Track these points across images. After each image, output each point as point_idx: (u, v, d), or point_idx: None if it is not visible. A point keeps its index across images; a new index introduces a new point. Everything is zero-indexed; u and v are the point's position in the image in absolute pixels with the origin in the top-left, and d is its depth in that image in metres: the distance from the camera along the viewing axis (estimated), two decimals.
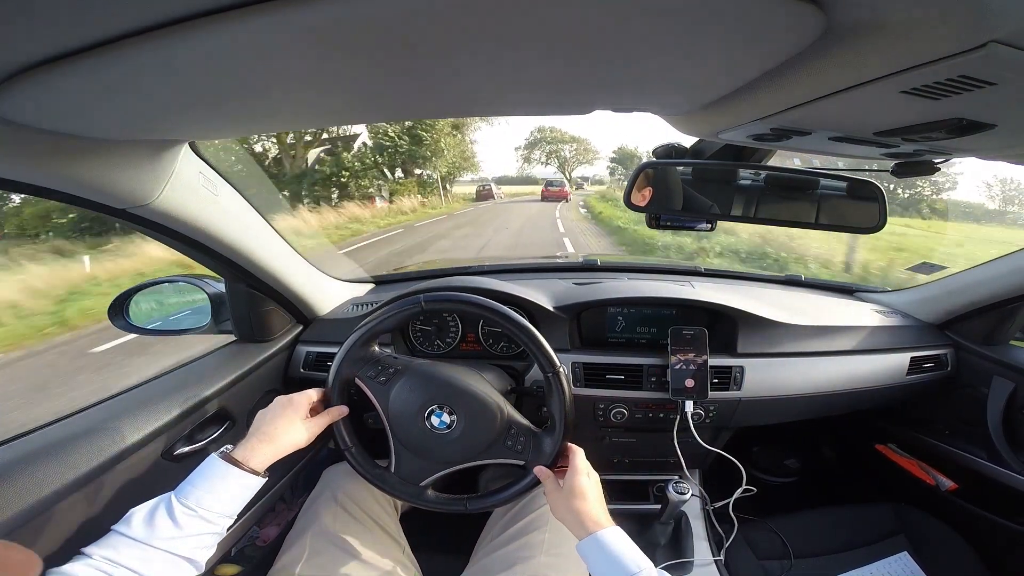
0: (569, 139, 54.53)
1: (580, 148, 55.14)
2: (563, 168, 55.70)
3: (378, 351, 0.80)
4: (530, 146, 55.90)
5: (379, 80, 0.40)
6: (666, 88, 0.46)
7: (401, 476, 0.78)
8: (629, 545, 0.59)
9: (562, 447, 0.74)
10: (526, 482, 0.75)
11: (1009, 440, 1.02)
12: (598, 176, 65.01)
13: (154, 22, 0.29)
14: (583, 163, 57.58)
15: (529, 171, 59.53)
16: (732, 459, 1.07)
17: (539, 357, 0.75)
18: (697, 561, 1.03)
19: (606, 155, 61.18)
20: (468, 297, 0.77)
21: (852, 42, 0.31)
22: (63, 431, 0.67)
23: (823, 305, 1.23)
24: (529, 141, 55.78)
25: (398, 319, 0.78)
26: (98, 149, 0.54)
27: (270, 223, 0.93)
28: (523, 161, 57.82)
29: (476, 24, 0.29)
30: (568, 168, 55.77)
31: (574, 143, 54.63)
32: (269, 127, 0.59)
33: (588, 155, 56.42)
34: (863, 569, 1.03)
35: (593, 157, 57.51)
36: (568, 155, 55.62)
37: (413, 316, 0.78)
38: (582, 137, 56.82)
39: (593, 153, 56.85)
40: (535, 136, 54.80)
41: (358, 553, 0.76)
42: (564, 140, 54.29)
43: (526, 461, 0.75)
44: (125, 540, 0.52)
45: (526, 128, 76.62)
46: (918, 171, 0.61)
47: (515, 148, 63.37)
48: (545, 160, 56.76)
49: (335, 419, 0.76)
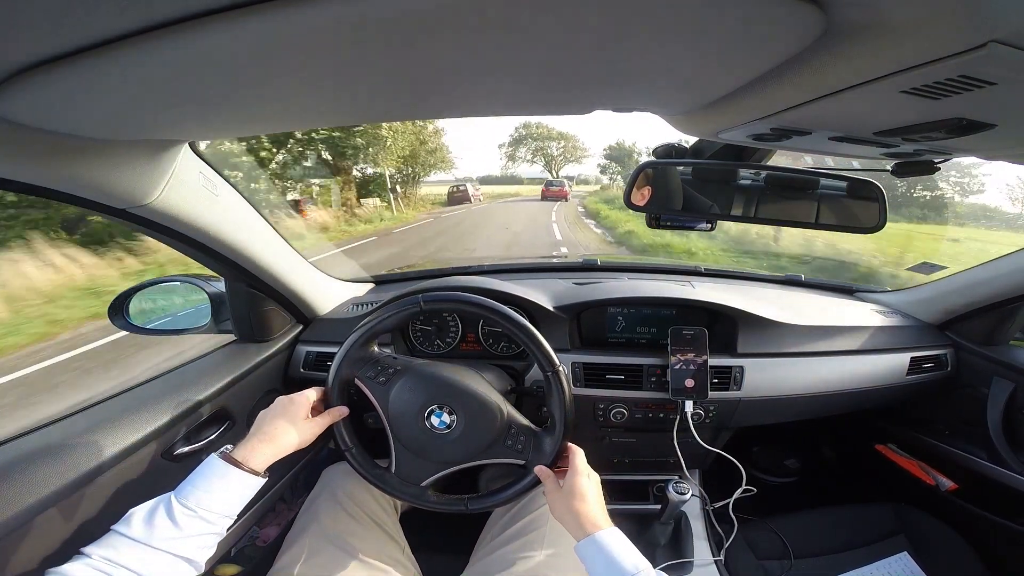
0: (556, 136, 53.15)
1: (568, 146, 53.61)
2: (549, 166, 54.16)
3: (377, 351, 0.80)
4: (515, 143, 54.20)
5: (379, 80, 0.40)
6: (666, 88, 0.46)
7: (401, 476, 0.78)
8: (627, 546, 0.59)
9: (562, 447, 0.74)
10: (526, 482, 0.75)
11: (1009, 440, 1.02)
12: (583, 175, 62.58)
13: (154, 22, 0.29)
14: (571, 161, 56.02)
15: (514, 170, 57.56)
16: (732, 459, 1.07)
17: (538, 356, 0.75)
18: (697, 561, 1.03)
19: (596, 152, 59.16)
20: (467, 297, 0.77)
21: (852, 42, 0.31)
22: (63, 431, 0.67)
23: (823, 305, 1.23)
24: (514, 138, 54.21)
25: (397, 319, 0.78)
26: (98, 149, 0.54)
27: (270, 223, 0.93)
28: (507, 159, 55.95)
29: (476, 24, 0.29)
30: (555, 166, 54.27)
31: (562, 140, 53.25)
32: (269, 127, 0.59)
33: (576, 153, 54.69)
34: (863, 569, 1.03)
35: (582, 155, 55.77)
36: (555, 153, 53.87)
37: (412, 316, 0.78)
38: (570, 134, 55.71)
39: (582, 151, 55.10)
40: (520, 132, 53.41)
41: (358, 553, 0.76)
42: (551, 137, 53.00)
43: (526, 461, 0.75)
44: (125, 540, 0.52)
45: (511, 124, 74.63)
46: (918, 171, 0.61)
47: (499, 145, 60.54)
48: (531, 158, 54.87)
49: (335, 420, 0.76)
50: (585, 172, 66.48)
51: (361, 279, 1.38)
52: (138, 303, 1.00)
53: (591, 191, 36.84)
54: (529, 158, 55.30)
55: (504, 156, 56.33)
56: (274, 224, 0.94)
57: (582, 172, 65.91)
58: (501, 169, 60.98)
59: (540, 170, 55.08)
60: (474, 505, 0.78)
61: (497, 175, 63.67)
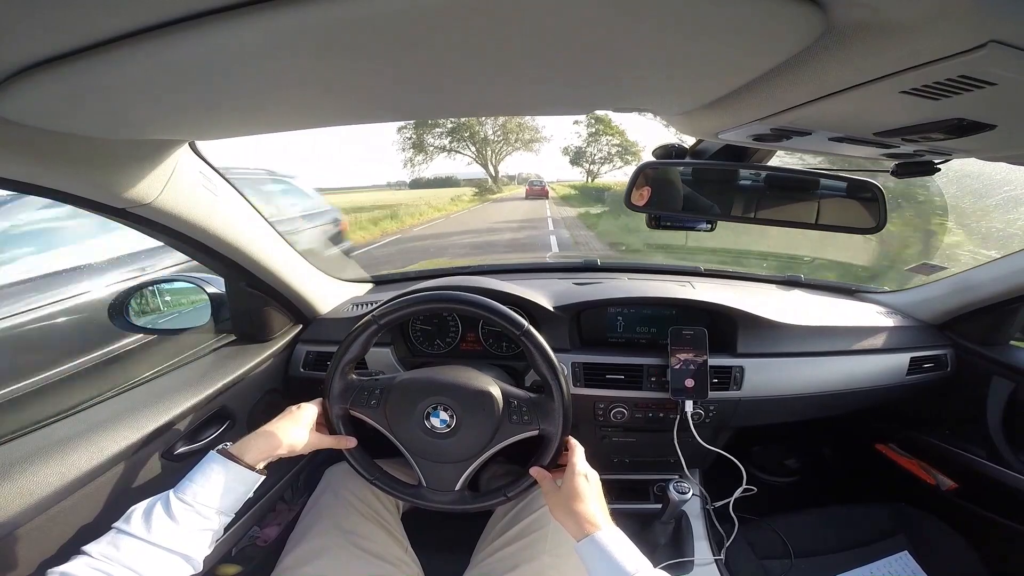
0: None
1: (511, 124, 37.31)
2: (485, 159, 38.89)
3: (356, 379, 0.80)
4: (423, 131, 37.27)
5: (378, 80, 0.40)
6: (666, 88, 0.46)
7: (434, 487, 0.78)
8: (627, 546, 0.60)
9: (566, 408, 0.73)
10: (552, 449, 0.74)
11: (1009, 440, 1.02)
12: (525, 175, 43.48)
13: (154, 22, 0.29)
14: (516, 146, 39.22)
15: (429, 170, 39.01)
16: (732, 459, 1.07)
17: (504, 324, 0.74)
18: (697, 561, 1.03)
19: (558, 134, 41.71)
20: (415, 298, 0.77)
21: (852, 42, 0.31)
22: (63, 431, 0.67)
23: (823, 305, 1.23)
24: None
25: (361, 344, 0.78)
26: (98, 149, 0.54)
27: (270, 223, 0.93)
28: (411, 151, 39.19)
29: (476, 24, 0.29)
30: (494, 158, 39.19)
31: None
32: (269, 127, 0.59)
33: (525, 134, 38.41)
34: (863, 569, 1.03)
35: (533, 138, 39.78)
36: (491, 135, 37.99)
37: (374, 335, 0.78)
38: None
39: (532, 132, 39.63)
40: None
41: (363, 550, 0.77)
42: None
43: (539, 429, 0.75)
44: (124, 537, 0.52)
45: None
46: (918, 171, 0.61)
47: (399, 129, 39.84)
48: (450, 145, 38.23)
49: (343, 447, 0.77)
50: (545, 166, 47.61)
51: (361, 279, 1.38)
52: (138, 303, 1.00)
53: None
54: (446, 145, 38.15)
55: (404, 147, 39.52)
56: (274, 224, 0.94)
57: (524, 170, 45.85)
58: (414, 170, 41.45)
59: (468, 163, 38.97)
60: (511, 491, 0.77)
61: (429, 177, 41.76)
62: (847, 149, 0.58)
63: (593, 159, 41.17)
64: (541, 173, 43.14)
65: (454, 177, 42.61)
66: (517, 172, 46.94)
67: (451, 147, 39.92)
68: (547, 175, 45.50)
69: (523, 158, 48.22)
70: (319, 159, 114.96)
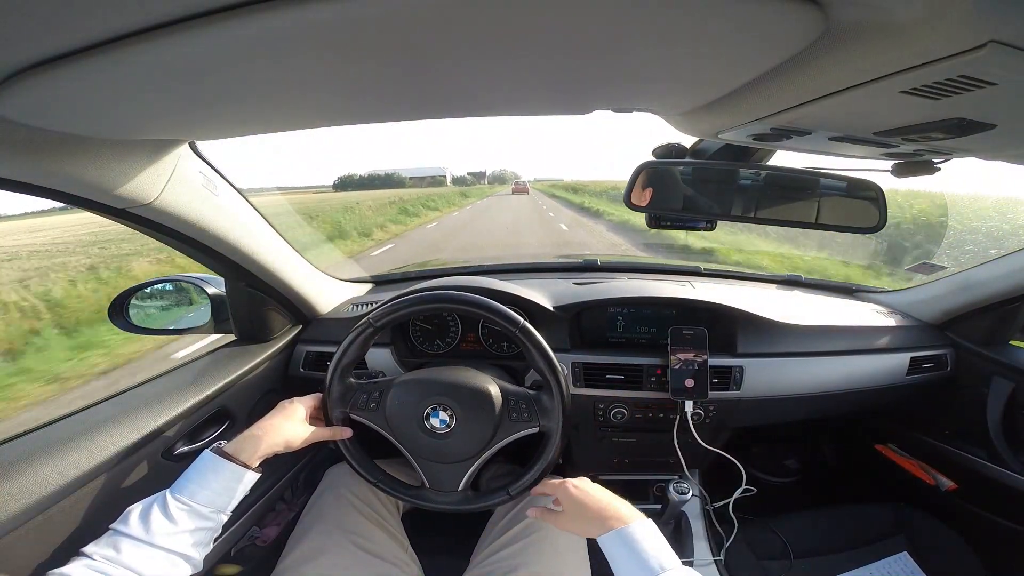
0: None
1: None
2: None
3: (355, 382, 0.80)
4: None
5: (378, 80, 0.40)
6: (666, 88, 0.46)
7: (437, 488, 0.78)
8: (655, 542, 0.58)
9: (565, 404, 0.73)
10: (551, 449, 0.75)
11: (1009, 440, 1.02)
12: (497, 172, 44.85)
13: (154, 22, 0.29)
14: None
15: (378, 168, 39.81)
16: (732, 459, 1.07)
17: (499, 321, 0.74)
18: (697, 561, 1.03)
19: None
20: (412, 299, 0.77)
21: (852, 42, 0.31)
22: (63, 431, 0.67)
23: (823, 305, 1.23)
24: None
25: (358, 347, 0.78)
26: (98, 149, 0.54)
27: (270, 223, 0.93)
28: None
29: (475, 25, 0.29)
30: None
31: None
32: (269, 127, 0.59)
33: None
34: (863, 569, 1.03)
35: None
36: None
37: (370, 338, 0.78)
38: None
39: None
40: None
41: (361, 551, 0.77)
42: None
43: (539, 425, 0.75)
44: (123, 538, 0.52)
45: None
46: (918, 171, 0.61)
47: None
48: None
49: (335, 438, 0.77)
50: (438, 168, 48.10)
51: (361, 279, 1.38)
52: (138, 303, 1.00)
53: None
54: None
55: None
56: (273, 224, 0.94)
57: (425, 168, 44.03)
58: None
59: (421, 161, 42.92)
60: (515, 490, 0.77)
61: (362, 175, 41.00)
62: (847, 149, 0.58)
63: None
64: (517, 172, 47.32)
65: (397, 175, 39.70)
66: (487, 170, 47.99)
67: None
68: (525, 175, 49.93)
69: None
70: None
